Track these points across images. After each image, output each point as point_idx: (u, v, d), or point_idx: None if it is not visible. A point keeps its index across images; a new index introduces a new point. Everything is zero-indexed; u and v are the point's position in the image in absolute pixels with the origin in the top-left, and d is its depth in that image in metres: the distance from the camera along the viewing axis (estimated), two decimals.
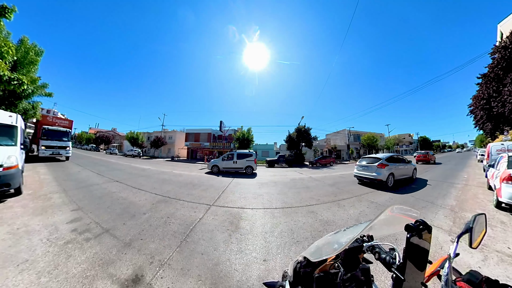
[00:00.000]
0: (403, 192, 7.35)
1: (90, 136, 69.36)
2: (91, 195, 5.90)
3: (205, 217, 4.44)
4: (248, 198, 6.32)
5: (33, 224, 3.68)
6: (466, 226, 0.87)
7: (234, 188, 7.95)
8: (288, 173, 15.24)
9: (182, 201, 5.82)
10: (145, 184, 8.29)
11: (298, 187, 8.46)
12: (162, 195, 6.39)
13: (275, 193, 7.13)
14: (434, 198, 6.34)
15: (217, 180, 10.41)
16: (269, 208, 5.22)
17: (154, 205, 5.25)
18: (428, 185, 8.62)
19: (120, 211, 4.61)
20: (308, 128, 30.19)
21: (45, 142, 15.43)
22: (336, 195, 6.86)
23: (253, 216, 4.56)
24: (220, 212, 4.80)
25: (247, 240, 3.35)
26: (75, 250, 2.80)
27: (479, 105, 16.79)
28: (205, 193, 6.98)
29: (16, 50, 9.97)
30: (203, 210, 5.00)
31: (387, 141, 52.58)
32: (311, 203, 5.75)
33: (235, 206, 5.36)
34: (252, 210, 4.99)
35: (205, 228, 3.85)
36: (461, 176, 11.10)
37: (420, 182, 9.36)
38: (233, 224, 4.06)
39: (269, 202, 5.78)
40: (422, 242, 0.73)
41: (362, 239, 1.02)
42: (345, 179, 10.92)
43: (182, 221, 4.15)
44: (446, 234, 3.70)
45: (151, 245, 3.07)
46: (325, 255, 0.82)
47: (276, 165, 24.91)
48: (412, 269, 0.72)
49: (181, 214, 4.61)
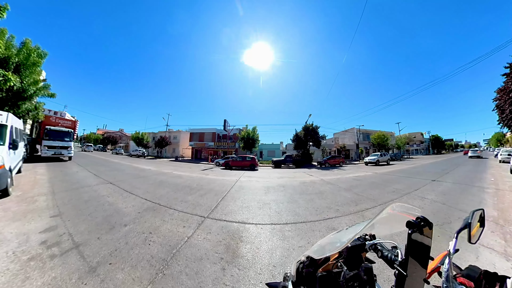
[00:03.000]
0: (431, 198, 6.18)
1: (97, 136, 70.29)
2: (77, 199, 5.43)
3: (195, 236, 3.45)
4: (252, 207, 5.25)
5: (7, 231, 3.33)
6: (464, 221, 0.91)
7: (237, 194, 6.91)
8: (296, 174, 14.11)
9: (173, 210, 4.92)
10: (139, 186, 7.59)
11: (310, 192, 7.33)
12: (152, 201, 5.57)
13: (284, 200, 6.02)
14: (467, 206, 5.32)
15: (218, 182, 9.41)
16: (278, 223, 4.13)
17: (140, 214, 4.46)
18: (454, 190, 7.49)
19: (100, 219, 4.01)
20: (316, 127, 28.87)
21: (47, 142, 15.54)
22: (357, 204, 5.74)
23: (257, 236, 3.49)
24: (215, 229, 3.78)
25: (246, 281, 2.32)
26: (35, 271, 2.36)
27: (508, 98, 15.11)
28: (202, 199, 6.00)
29: (18, 52, 10.63)
30: (194, 224, 4.02)
31: (398, 140, 50.45)
32: (329, 216, 4.66)
33: (235, 219, 4.31)
34: (256, 227, 3.91)
35: (192, 253, 2.86)
36: (487, 179, 9.78)
37: (445, 187, 8.16)
38: (230, 249, 3.03)
39: (278, 215, 4.69)
40: (424, 238, 0.71)
41: (365, 238, 1.00)
42: (361, 182, 9.74)
43: (166, 240, 3.25)
44: (503, 258, 2.78)
45: (118, 275, 2.33)
46: (328, 252, 0.82)
47: (283, 165, 23.77)
48: (414, 265, 0.70)
49: (167, 230, 3.69)
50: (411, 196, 6.73)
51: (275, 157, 35.09)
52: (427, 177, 10.83)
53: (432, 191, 7.37)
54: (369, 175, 12.84)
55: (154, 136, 48.04)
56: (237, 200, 6.03)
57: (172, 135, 48.50)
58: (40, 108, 14.43)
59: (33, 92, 12.15)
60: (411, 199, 6.25)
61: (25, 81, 11.28)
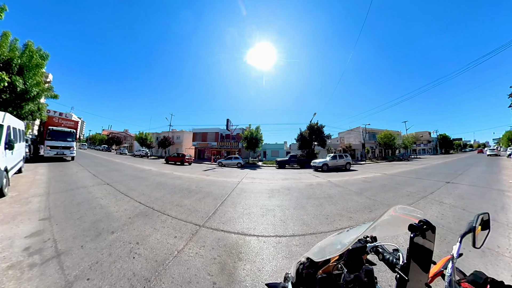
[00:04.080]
0: (450, 203, 5.55)
1: (102, 137, 70.89)
2: (70, 201, 5.21)
3: (187, 250, 2.94)
4: (253, 214, 4.69)
5: None
6: (469, 225, 0.85)
7: (238, 198, 6.35)
8: (302, 175, 13.50)
9: (166, 216, 4.45)
10: (136, 188, 7.22)
11: (317, 196, 6.73)
12: (146, 205, 5.16)
13: (290, 206, 5.43)
14: (492, 213, 4.64)
15: (218, 184, 8.88)
16: (284, 235, 3.55)
17: (130, 220, 4.07)
18: (473, 193, 6.85)
19: (88, 225, 3.72)
20: (321, 126, 28.16)
21: (50, 143, 15.73)
22: (371, 210, 5.14)
23: (259, 253, 2.93)
24: (211, 241, 3.25)
25: None
26: (11, 282, 2.14)
27: None
28: (199, 204, 5.49)
29: (21, 54, 10.99)
30: (187, 234, 3.52)
31: (405, 140, 49.12)
32: (341, 225, 4.08)
33: (233, 230, 3.75)
34: (258, 240, 3.34)
35: (180, 273, 2.37)
36: (505, 181, 9.04)
37: (461, 190, 7.49)
38: (225, 270, 2.49)
39: (283, 224, 4.11)
40: (426, 242, 0.68)
41: (366, 240, 0.97)
42: (371, 185, 9.09)
43: (153, 254, 2.79)
44: None
45: None
46: (328, 255, 0.80)
47: (287, 166, 23.15)
48: (416, 270, 0.67)
49: (156, 241, 3.22)
50: (427, 200, 6.12)
51: (278, 157, 34.47)
52: (440, 179, 10.18)
53: (449, 194, 6.77)
54: (379, 177, 12.16)
55: (158, 136, 47.90)
56: (238, 205, 5.48)
57: (175, 135, 48.31)
58: (43, 109, 14.51)
59: (36, 94, 12.34)
60: (428, 204, 5.67)
61: (28, 83, 11.54)
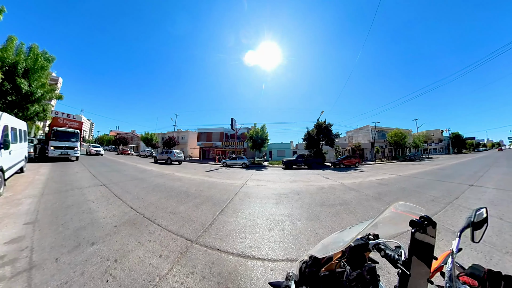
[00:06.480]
0: None
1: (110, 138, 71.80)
2: (61, 203, 4.96)
3: (170, 277, 2.26)
4: (258, 227, 3.91)
5: None
6: (467, 220, 0.88)
7: (240, 204, 5.55)
8: (310, 177, 12.62)
9: (156, 225, 3.82)
10: (131, 190, 6.72)
11: (331, 202, 5.88)
12: (136, 211, 4.60)
13: (301, 216, 4.60)
14: None
15: (220, 187, 8.15)
16: (297, 259, 2.80)
17: (116, 229, 3.57)
18: (504, 199, 5.94)
19: (70, 232, 3.38)
20: (329, 124, 27.09)
21: (54, 143, 15.94)
22: (397, 222, 4.30)
23: (264, 287, 2.20)
24: (202, 266, 2.51)
25: None
26: None
27: None
28: (195, 211, 4.78)
29: (26, 58, 11.44)
30: (175, 253, 2.82)
31: (415, 138, 47.26)
32: None
33: (232, 249, 2.99)
34: (264, 267, 2.57)
35: None
36: None
37: (490, 194, 6.61)
38: None
39: (295, 241, 3.32)
40: (427, 237, 0.69)
41: (368, 237, 0.98)
42: (389, 188, 8.19)
43: (129, 279, 2.20)
44: None
45: None
46: (331, 251, 0.81)
47: (294, 166, 22.27)
48: (418, 265, 0.68)
49: (137, 259, 2.60)
50: (454, 206, 5.31)
51: (285, 157, 33.60)
52: (462, 181, 9.19)
53: (478, 199, 5.93)
54: (394, 178, 11.19)
55: (163, 137, 47.83)
56: (240, 214, 4.72)
57: (180, 135, 48.11)
58: (48, 110, 14.68)
59: (41, 95, 12.65)
60: (458, 212, 4.85)
61: (33, 85, 11.85)
